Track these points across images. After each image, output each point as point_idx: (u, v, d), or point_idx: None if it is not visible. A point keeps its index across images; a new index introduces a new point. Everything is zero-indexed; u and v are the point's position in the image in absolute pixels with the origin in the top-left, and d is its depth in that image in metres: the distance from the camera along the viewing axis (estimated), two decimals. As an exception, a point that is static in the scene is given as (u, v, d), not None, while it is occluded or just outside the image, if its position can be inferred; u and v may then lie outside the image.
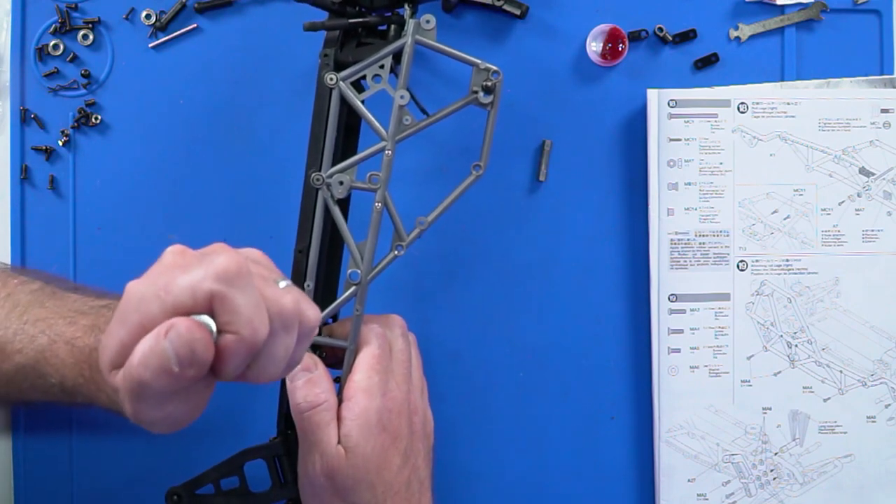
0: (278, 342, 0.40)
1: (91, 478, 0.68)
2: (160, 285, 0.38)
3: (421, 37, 0.54)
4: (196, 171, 0.68)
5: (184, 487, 0.57)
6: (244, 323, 0.38)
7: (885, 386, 0.68)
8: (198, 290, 0.37)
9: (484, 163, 0.57)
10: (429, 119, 0.56)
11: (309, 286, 0.56)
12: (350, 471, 0.52)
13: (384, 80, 0.55)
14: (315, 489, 0.53)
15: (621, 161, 0.69)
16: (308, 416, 0.53)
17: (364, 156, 0.56)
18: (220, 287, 0.37)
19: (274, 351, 0.40)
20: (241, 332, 0.38)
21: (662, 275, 0.67)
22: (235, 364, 0.39)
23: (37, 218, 0.68)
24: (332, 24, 0.56)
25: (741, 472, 0.68)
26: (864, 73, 0.69)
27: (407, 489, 0.54)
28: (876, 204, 0.67)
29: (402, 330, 0.59)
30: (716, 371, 0.68)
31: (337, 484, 0.52)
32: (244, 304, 0.38)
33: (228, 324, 0.38)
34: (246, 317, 0.38)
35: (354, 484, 0.52)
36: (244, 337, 0.38)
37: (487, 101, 0.55)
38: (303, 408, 0.53)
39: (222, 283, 0.37)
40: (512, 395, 0.68)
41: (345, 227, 0.56)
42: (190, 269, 0.38)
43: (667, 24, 0.68)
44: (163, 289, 0.38)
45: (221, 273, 0.37)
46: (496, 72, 0.55)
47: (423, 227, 0.57)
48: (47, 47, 0.67)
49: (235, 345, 0.38)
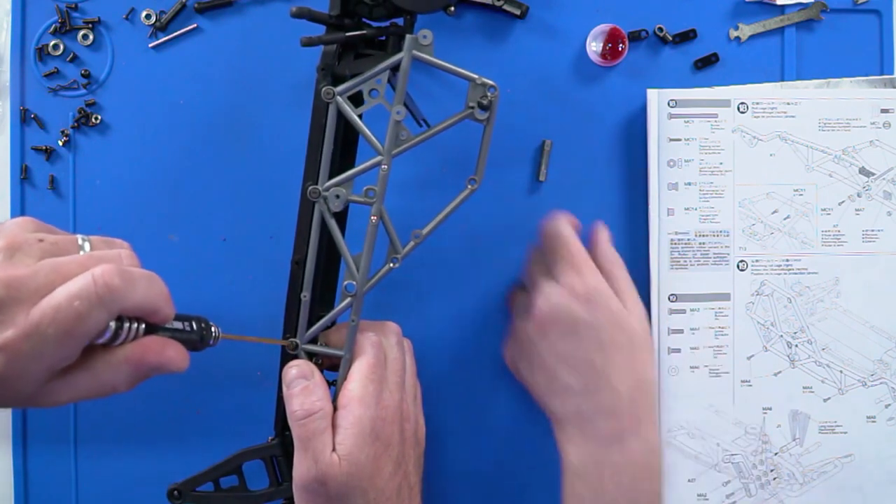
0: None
1: (92, 477, 0.68)
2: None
3: (418, 52, 0.54)
4: (196, 171, 0.68)
5: (184, 484, 0.59)
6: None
7: (885, 386, 0.68)
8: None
9: (479, 177, 0.57)
10: (425, 134, 0.56)
11: (305, 296, 0.57)
12: (343, 478, 0.53)
13: (381, 95, 0.55)
14: (308, 494, 0.54)
15: (621, 161, 0.69)
16: (304, 424, 0.54)
17: (360, 170, 0.56)
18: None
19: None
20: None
21: (662, 275, 0.67)
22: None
23: (37, 218, 0.67)
24: (330, 38, 0.55)
25: (741, 472, 0.68)
26: (864, 73, 0.69)
27: (398, 495, 0.56)
28: (876, 204, 0.67)
29: (397, 338, 0.60)
30: (716, 371, 0.68)
31: (330, 490, 0.53)
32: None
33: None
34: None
35: (347, 490, 0.53)
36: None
37: (483, 118, 0.55)
38: (299, 415, 0.54)
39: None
40: (512, 396, 0.68)
41: (341, 239, 0.56)
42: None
43: (667, 24, 0.68)
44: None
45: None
46: (493, 87, 0.55)
47: (419, 240, 0.57)
48: (47, 47, 0.67)
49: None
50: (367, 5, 0.56)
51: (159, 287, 0.45)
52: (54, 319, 0.40)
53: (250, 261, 0.68)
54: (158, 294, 0.45)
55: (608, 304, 0.59)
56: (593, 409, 0.59)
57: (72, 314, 0.40)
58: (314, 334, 0.58)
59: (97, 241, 0.46)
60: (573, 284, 0.59)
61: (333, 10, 0.56)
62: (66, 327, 0.40)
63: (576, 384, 0.59)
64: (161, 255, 0.68)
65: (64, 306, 0.40)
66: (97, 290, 0.41)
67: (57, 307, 0.40)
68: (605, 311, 0.59)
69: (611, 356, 0.59)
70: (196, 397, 0.68)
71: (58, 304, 0.40)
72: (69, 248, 0.44)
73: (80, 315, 0.41)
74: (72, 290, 0.41)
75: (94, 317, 0.41)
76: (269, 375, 0.60)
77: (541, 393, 0.62)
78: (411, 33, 0.55)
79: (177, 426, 0.68)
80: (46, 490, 0.68)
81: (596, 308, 0.59)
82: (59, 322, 0.40)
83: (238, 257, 0.68)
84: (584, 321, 0.59)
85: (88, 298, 0.41)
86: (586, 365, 0.59)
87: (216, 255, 0.68)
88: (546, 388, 0.61)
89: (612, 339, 0.59)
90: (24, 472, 0.68)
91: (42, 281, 0.41)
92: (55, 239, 0.44)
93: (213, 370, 0.67)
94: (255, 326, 0.67)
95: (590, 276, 0.60)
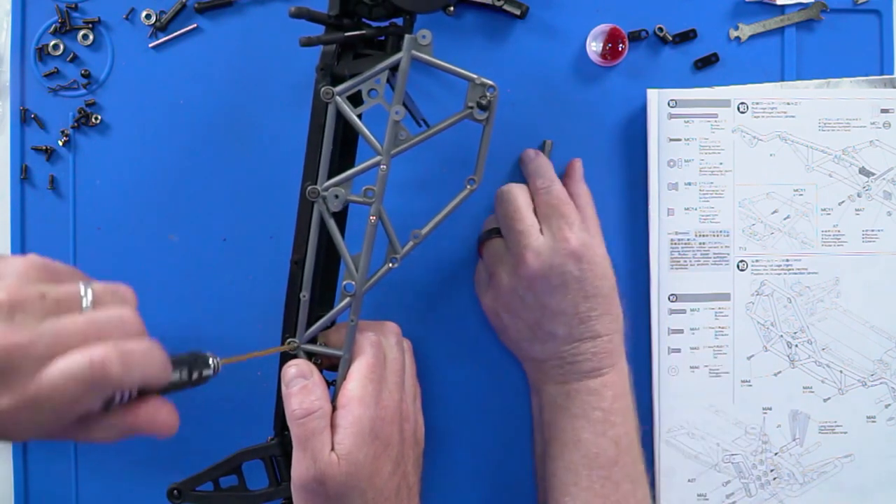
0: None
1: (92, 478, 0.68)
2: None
3: (417, 52, 0.54)
4: (196, 171, 0.68)
5: (184, 484, 0.59)
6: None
7: (885, 386, 0.68)
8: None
9: (478, 177, 0.57)
10: (424, 134, 0.56)
11: (304, 296, 0.57)
12: (342, 478, 0.53)
13: (380, 95, 0.55)
14: (307, 493, 0.54)
15: (621, 161, 0.69)
16: (302, 423, 0.54)
17: (359, 170, 0.56)
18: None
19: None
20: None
21: (662, 275, 0.67)
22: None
23: (37, 218, 0.68)
24: (329, 38, 0.55)
25: (741, 472, 0.68)
26: (864, 73, 0.69)
27: (396, 495, 0.56)
28: (876, 204, 0.67)
29: (396, 338, 0.60)
30: (716, 371, 0.68)
31: (328, 490, 0.53)
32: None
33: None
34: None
35: (346, 490, 0.53)
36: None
37: (482, 118, 0.55)
38: (297, 414, 0.54)
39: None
40: (511, 396, 0.68)
41: (340, 239, 0.56)
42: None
43: (667, 24, 0.68)
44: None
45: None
46: (492, 87, 0.55)
47: (418, 240, 0.57)
48: (47, 47, 0.67)
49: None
50: (366, 5, 0.56)
51: (158, 361, 0.44)
52: (50, 397, 0.40)
53: (250, 261, 0.68)
54: (156, 370, 0.44)
55: (595, 256, 0.60)
56: (576, 352, 0.61)
57: (67, 396, 0.40)
58: (313, 334, 0.58)
59: (100, 292, 0.45)
60: (566, 239, 0.59)
61: (332, 9, 0.56)
62: (61, 405, 0.41)
63: (560, 332, 0.60)
64: (161, 255, 0.68)
65: (60, 387, 0.40)
66: (93, 376, 0.41)
67: (53, 386, 0.40)
68: (592, 264, 0.60)
69: (595, 304, 0.60)
70: (196, 397, 0.68)
71: (54, 383, 0.40)
72: (71, 304, 0.43)
73: (76, 398, 0.41)
74: (69, 370, 0.40)
75: (89, 399, 0.41)
76: (269, 375, 0.60)
77: (520, 339, 0.63)
78: (410, 33, 0.55)
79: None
80: (47, 491, 0.68)
81: (584, 262, 0.59)
82: (54, 400, 0.40)
83: (238, 257, 0.68)
84: (573, 276, 0.59)
85: (84, 382, 0.41)
86: (571, 314, 0.60)
87: (216, 255, 0.68)
88: (527, 334, 0.62)
89: (596, 288, 0.60)
90: (24, 473, 0.68)
91: (42, 351, 0.41)
92: (57, 295, 0.43)
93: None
94: (255, 326, 0.67)
95: (580, 231, 0.60)
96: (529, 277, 0.60)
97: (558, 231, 0.60)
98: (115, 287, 0.46)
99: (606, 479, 0.60)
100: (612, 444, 0.60)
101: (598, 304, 0.60)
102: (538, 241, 0.60)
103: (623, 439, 0.60)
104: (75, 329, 0.42)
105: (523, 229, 0.61)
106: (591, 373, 0.61)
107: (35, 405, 0.40)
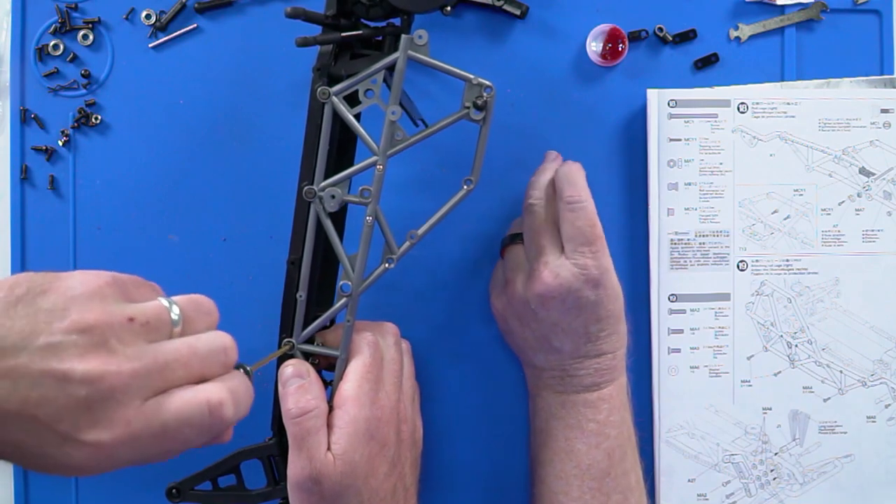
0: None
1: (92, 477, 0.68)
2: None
3: (413, 52, 0.54)
4: (196, 171, 0.68)
5: (182, 483, 0.59)
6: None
7: (885, 386, 0.68)
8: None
9: (475, 177, 0.57)
10: (420, 134, 0.56)
11: (301, 296, 0.57)
12: (338, 477, 0.53)
13: (377, 95, 0.55)
14: (303, 493, 0.54)
15: (621, 161, 0.69)
16: (298, 422, 0.54)
17: (355, 170, 0.56)
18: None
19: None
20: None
21: (662, 275, 0.67)
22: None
23: (37, 218, 0.68)
24: (325, 38, 0.55)
25: (741, 472, 0.68)
26: (864, 73, 0.68)
27: (392, 496, 0.56)
28: (876, 204, 0.67)
29: (394, 338, 0.59)
30: (716, 371, 0.68)
31: (324, 489, 0.53)
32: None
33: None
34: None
35: (342, 490, 0.53)
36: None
37: (479, 118, 0.55)
38: (293, 413, 0.54)
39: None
40: (510, 398, 0.68)
41: (336, 240, 0.56)
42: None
43: (667, 24, 0.68)
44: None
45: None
46: (489, 87, 0.55)
47: (415, 240, 0.57)
48: (47, 47, 0.68)
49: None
50: (363, 5, 0.56)
51: (251, 396, 0.44)
52: (156, 436, 0.38)
53: (250, 261, 0.68)
54: (250, 404, 0.44)
55: (610, 280, 0.59)
56: (579, 366, 0.60)
57: (179, 438, 0.39)
58: (310, 334, 0.57)
59: (186, 308, 0.42)
60: (586, 265, 0.58)
61: (329, 10, 0.56)
62: (168, 447, 0.39)
63: (567, 348, 0.60)
64: (161, 255, 0.68)
65: (173, 429, 0.39)
66: (212, 421, 0.40)
67: (165, 427, 0.38)
68: (608, 289, 0.59)
69: (605, 325, 0.60)
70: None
71: (166, 424, 0.38)
72: (161, 325, 0.41)
73: (187, 441, 0.40)
74: (186, 412, 0.39)
75: (200, 441, 0.40)
76: (267, 376, 0.60)
77: (525, 346, 0.63)
78: (408, 33, 0.55)
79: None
80: (47, 491, 0.68)
81: (601, 288, 0.59)
82: (160, 439, 0.39)
83: (238, 257, 0.68)
84: (589, 301, 0.59)
85: (202, 427, 0.39)
86: (581, 334, 0.60)
87: (216, 255, 0.68)
88: (533, 344, 0.62)
89: (609, 311, 0.60)
90: (24, 473, 0.68)
91: (143, 383, 0.38)
92: (146, 317, 0.40)
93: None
94: (255, 326, 0.67)
95: (603, 257, 0.59)
96: (544, 295, 0.59)
97: (581, 256, 0.58)
98: (198, 300, 0.44)
99: (597, 491, 0.60)
100: (605, 456, 0.60)
101: (607, 325, 0.60)
102: (558, 261, 0.59)
103: (616, 451, 0.60)
104: (177, 358, 0.40)
105: (545, 245, 0.60)
106: (590, 387, 0.61)
107: (137, 442, 0.38)
